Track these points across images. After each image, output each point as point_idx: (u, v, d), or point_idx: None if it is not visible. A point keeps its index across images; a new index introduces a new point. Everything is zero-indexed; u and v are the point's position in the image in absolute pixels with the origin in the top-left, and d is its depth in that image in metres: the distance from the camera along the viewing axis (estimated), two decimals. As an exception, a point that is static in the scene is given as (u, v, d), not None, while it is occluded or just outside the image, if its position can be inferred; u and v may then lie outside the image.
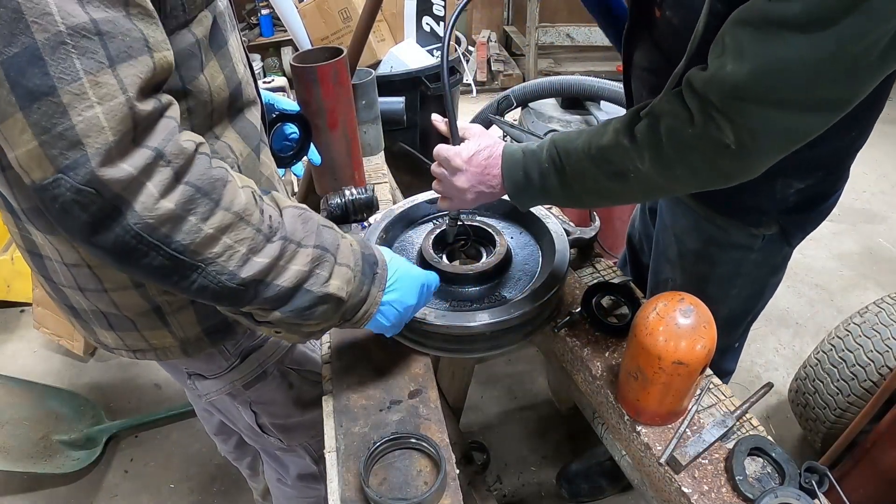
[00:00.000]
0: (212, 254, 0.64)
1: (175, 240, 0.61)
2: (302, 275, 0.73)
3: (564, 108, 2.23)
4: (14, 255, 2.51)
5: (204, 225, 0.62)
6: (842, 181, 1.13)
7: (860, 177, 3.57)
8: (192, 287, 0.66)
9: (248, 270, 0.67)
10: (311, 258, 0.74)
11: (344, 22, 2.40)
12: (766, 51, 0.69)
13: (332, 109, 1.32)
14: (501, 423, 2.17)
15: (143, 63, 0.57)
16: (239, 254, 0.66)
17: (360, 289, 0.82)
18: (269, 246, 0.69)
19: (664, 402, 0.92)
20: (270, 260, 0.69)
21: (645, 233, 1.59)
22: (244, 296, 0.69)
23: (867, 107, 0.98)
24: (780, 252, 1.20)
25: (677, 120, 0.78)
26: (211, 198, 0.63)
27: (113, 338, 0.97)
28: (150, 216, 0.58)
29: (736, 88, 0.72)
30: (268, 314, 0.74)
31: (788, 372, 2.28)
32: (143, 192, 0.58)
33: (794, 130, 0.74)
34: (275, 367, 1.12)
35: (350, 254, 0.81)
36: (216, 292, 0.67)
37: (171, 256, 0.62)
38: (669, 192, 0.87)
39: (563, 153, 0.91)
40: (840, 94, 0.71)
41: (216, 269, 0.65)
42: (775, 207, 1.10)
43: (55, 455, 1.98)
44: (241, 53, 0.89)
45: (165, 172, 0.59)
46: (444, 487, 0.85)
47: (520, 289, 1.13)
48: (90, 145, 0.54)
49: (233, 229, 0.65)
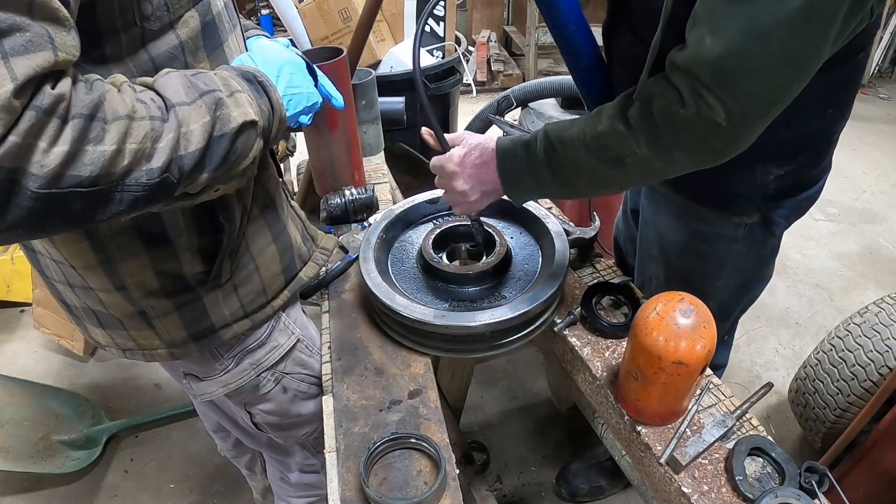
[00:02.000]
0: (123, 167, 0.61)
1: (83, 175, 0.58)
2: (207, 126, 0.70)
3: (564, 108, 2.23)
4: (14, 254, 2.51)
5: (103, 146, 0.60)
6: (823, 172, 1.13)
7: (860, 177, 3.57)
8: (122, 207, 0.64)
9: (159, 159, 0.65)
10: (206, 107, 0.70)
11: (344, 22, 2.39)
12: (740, 17, 0.71)
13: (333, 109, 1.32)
14: (501, 423, 2.17)
15: (42, 57, 0.55)
16: (145, 150, 0.63)
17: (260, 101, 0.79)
18: (166, 125, 0.66)
19: (664, 402, 0.92)
20: (173, 134, 0.66)
21: (629, 235, 1.59)
22: (169, 181, 0.67)
23: (844, 85, 1.00)
24: (765, 243, 1.20)
25: (668, 102, 0.79)
26: (98, 118, 0.60)
27: (103, 335, 0.98)
28: (48, 170, 0.56)
29: (719, 60, 0.73)
30: (199, 180, 0.71)
31: (788, 372, 2.28)
32: (34, 154, 0.55)
33: (776, 94, 0.76)
34: (269, 373, 1.11)
35: (232, 80, 0.77)
36: (145, 197, 0.65)
37: (88, 194, 0.60)
38: (665, 174, 0.87)
39: (558, 143, 0.91)
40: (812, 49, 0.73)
41: (134, 176, 0.63)
42: (756, 194, 1.10)
43: (55, 455, 1.98)
44: (241, 52, 0.89)
45: (53, 123, 0.56)
46: (444, 487, 0.85)
47: (520, 289, 1.13)
48: None
49: (130, 133, 0.62)
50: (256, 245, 0.99)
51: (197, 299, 0.94)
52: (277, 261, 1.04)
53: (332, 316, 1.18)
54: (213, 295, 0.96)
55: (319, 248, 1.17)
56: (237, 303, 0.99)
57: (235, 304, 0.99)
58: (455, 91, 2.59)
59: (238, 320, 1.01)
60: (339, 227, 1.41)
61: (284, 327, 1.11)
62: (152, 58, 0.74)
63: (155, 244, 0.86)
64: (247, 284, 1.00)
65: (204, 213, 0.88)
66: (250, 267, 0.99)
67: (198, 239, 0.89)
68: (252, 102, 0.76)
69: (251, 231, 0.97)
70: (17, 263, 2.51)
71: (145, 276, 0.88)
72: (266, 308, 1.04)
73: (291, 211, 1.11)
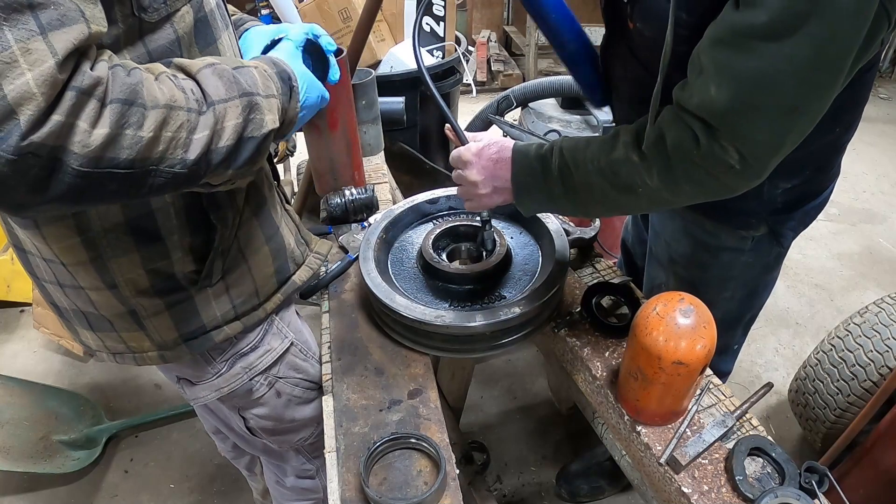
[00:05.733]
0: (158, 153, 0.64)
1: (121, 158, 0.61)
2: (239, 127, 0.73)
3: (564, 108, 2.23)
4: (14, 254, 2.51)
5: (141, 132, 0.62)
6: (831, 179, 1.13)
7: (860, 177, 3.57)
8: (153, 190, 0.67)
9: (193, 151, 0.68)
10: (241, 108, 0.73)
11: (344, 22, 2.39)
12: (745, 68, 0.71)
13: (332, 109, 1.32)
14: (501, 423, 2.17)
15: (77, 30, 0.57)
16: (181, 140, 0.66)
17: (285, 111, 0.83)
18: (202, 118, 0.69)
19: (664, 402, 0.92)
20: (209, 130, 0.69)
21: (638, 238, 1.59)
22: (198, 172, 0.70)
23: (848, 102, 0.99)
24: (771, 252, 1.19)
25: (683, 139, 0.79)
26: (137, 104, 0.62)
27: (93, 338, 0.97)
28: (89, 150, 0.58)
29: (727, 111, 0.73)
30: (223, 175, 0.75)
31: (788, 372, 2.28)
32: (75, 133, 0.57)
33: (788, 137, 0.75)
34: (263, 377, 1.11)
35: (270, 81, 0.80)
36: (174, 183, 0.68)
37: (124, 175, 0.62)
38: (676, 204, 0.88)
39: (573, 163, 0.91)
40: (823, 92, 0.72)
41: (167, 164, 0.66)
42: (763, 209, 1.10)
43: (55, 455, 1.98)
44: (233, 52, 0.89)
45: (92, 104, 0.58)
46: (444, 487, 0.85)
47: (520, 289, 1.13)
48: (23, 113, 0.53)
49: (168, 122, 0.64)
50: (249, 246, 0.99)
51: (188, 299, 0.94)
52: (270, 262, 1.04)
53: (332, 316, 1.18)
54: (204, 295, 0.95)
55: (314, 253, 1.16)
56: (229, 304, 0.99)
57: (227, 306, 0.99)
58: (455, 91, 2.59)
59: (229, 322, 1.00)
60: (339, 227, 1.41)
61: (277, 331, 1.11)
62: (149, 51, 0.74)
63: (146, 242, 0.86)
64: (239, 285, 0.99)
65: (196, 211, 0.88)
66: (242, 268, 0.99)
67: (190, 237, 0.89)
68: (280, 109, 0.80)
69: (244, 232, 0.97)
70: (17, 263, 2.50)
71: (136, 273, 0.88)
72: (258, 311, 1.04)
73: (286, 214, 1.10)
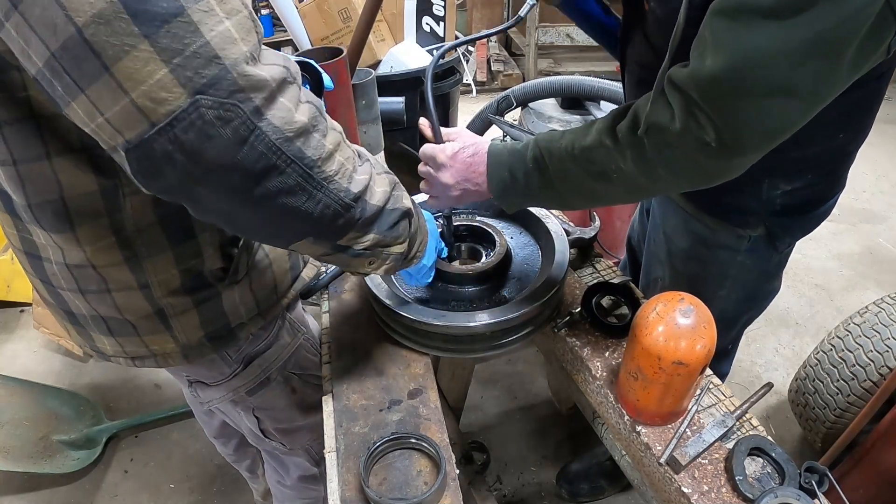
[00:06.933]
0: (331, 170, 0.65)
1: (307, 155, 0.62)
2: (385, 194, 0.76)
3: (564, 108, 2.23)
4: (15, 256, 2.51)
5: (325, 141, 0.64)
6: (836, 188, 1.11)
7: (860, 177, 3.57)
8: (318, 206, 0.66)
9: (355, 186, 0.69)
10: (388, 181, 0.78)
11: (344, 22, 2.39)
12: (741, 41, 0.69)
13: (332, 109, 1.32)
14: (501, 423, 2.17)
15: (258, 33, 0.59)
16: (348, 171, 0.68)
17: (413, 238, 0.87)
18: (362, 165, 0.72)
19: (664, 402, 0.92)
20: (367, 177, 0.72)
21: (643, 235, 1.59)
22: (353, 214, 0.71)
23: (860, 109, 0.97)
24: (769, 258, 1.19)
25: (659, 118, 0.77)
26: (323, 116, 0.64)
27: (112, 344, 0.95)
28: (288, 128, 0.59)
29: (713, 80, 0.71)
30: (365, 236, 0.76)
31: (788, 372, 2.28)
32: (278, 106, 0.58)
33: (773, 123, 0.73)
34: (278, 373, 1.11)
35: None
36: (336, 211, 0.68)
37: (304, 173, 0.62)
38: (653, 192, 0.87)
39: (547, 153, 0.90)
40: (817, 83, 0.70)
41: (335, 185, 0.66)
42: (762, 209, 1.09)
43: (55, 455, 1.98)
44: None
45: (293, 88, 0.60)
46: (444, 487, 0.85)
47: (520, 289, 1.13)
48: (227, 57, 0.54)
49: (340, 147, 0.67)
50: None
51: (216, 296, 0.94)
52: (287, 257, 1.05)
53: (332, 316, 1.18)
54: (230, 291, 0.95)
55: None
56: (252, 300, 0.99)
57: (251, 302, 0.99)
58: (455, 91, 2.59)
59: (252, 318, 1.00)
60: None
61: (290, 326, 1.12)
62: None
63: (181, 240, 0.86)
64: (261, 280, 1.00)
65: None
66: (265, 263, 1.00)
67: (219, 233, 0.90)
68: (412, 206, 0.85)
69: None
70: (17, 263, 2.50)
71: (170, 273, 0.88)
72: (276, 307, 1.04)
73: None
